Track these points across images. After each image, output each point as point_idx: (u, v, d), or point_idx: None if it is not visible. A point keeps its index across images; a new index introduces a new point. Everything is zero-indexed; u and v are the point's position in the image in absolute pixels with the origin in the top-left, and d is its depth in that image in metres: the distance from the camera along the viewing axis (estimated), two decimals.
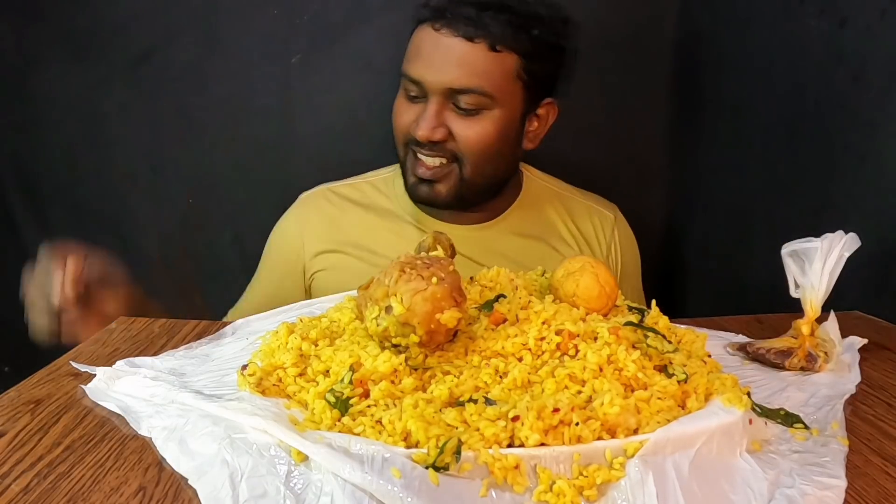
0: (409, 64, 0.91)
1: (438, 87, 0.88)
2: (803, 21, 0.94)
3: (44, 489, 0.44)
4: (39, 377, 0.61)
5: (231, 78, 1.22)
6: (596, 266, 0.61)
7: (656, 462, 0.43)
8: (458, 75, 0.87)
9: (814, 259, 0.62)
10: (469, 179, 0.93)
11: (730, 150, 1.16)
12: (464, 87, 0.87)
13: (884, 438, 0.52)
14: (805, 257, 0.63)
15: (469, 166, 0.92)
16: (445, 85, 0.88)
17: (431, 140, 0.90)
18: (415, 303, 0.49)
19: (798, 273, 0.64)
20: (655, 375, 0.51)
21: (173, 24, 1.20)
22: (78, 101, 1.21)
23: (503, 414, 0.45)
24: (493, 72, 0.88)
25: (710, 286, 1.26)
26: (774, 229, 1.05)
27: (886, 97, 0.81)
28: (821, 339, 0.65)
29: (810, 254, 0.62)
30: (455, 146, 0.91)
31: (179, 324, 0.74)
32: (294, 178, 1.15)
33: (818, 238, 0.62)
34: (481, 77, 0.87)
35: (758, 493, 0.43)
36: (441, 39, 0.87)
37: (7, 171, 1.25)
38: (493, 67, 0.88)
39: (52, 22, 1.19)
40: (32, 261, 0.85)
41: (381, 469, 0.41)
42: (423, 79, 0.89)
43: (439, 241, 0.65)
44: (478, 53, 0.87)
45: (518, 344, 0.53)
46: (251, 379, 0.51)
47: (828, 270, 0.62)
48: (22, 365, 0.66)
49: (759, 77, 1.06)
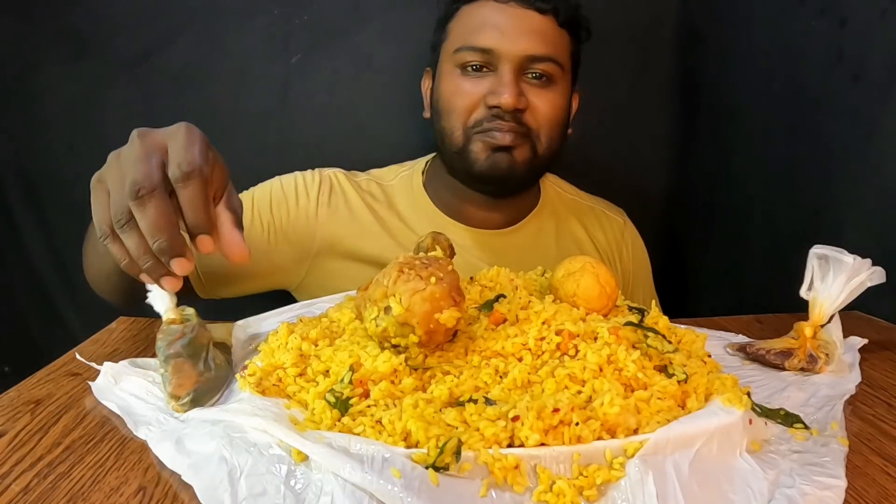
0: (472, 36, 0.88)
1: (515, 55, 0.87)
2: (803, 21, 0.94)
3: (44, 489, 0.44)
4: (39, 377, 0.61)
5: (231, 78, 1.22)
6: (596, 266, 0.61)
7: (656, 462, 0.43)
8: (534, 42, 0.87)
9: (841, 272, 0.62)
10: (541, 156, 0.91)
11: (729, 150, 1.16)
12: (541, 55, 0.87)
13: (884, 438, 0.52)
14: (833, 266, 0.63)
15: (542, 141, 0.90)
16: (524, 52, 0.87)
17: (517, 108, 0.87)
18: (413, 303, 0.49)
19: (819, 277, 0.64)
20: (655, 375, 0.51)
21: (173, 24, 1.20)
22: (78, 101, 1.21)
23: (503, 414, 0.45)
24: (560, 44, 0.90)
25: (710, 286, 1.26)
26: (774, 229, 1.05)
27: (886, 97, 0.81)
28: (823, 340, 0.65)
29: (840, 266, 0.62)
30: (531, 118, 0.89)
31: None
32: None
33: (850, 254, 0.63)
34: (554, 46, 0.89)
35: (758, 493, 0.43)
36: (513, 10, 0.88)
37: (7, 171, 1.25)
38: (560, 40, 0.90)
39: (52, 22, 1.19)
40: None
41: (381, 469, 0.41)
42: (498, 47, 0.87)
43: (438, 242, 0.65)
44: (549, 25, 0.89)
45: (518, 344, 0.53)
46: (251, 379, 0.51)
47: (850, 288, 0.62)
48: (22, 365, 0.66)
49: (758, 77, 1.06)
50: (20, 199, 1.26)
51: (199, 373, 0.54)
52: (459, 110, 0.90)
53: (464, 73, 0.89)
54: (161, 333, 0.56)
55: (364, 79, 1.23)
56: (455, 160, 0.92)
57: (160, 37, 1.20)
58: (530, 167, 0.91)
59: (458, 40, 0.90)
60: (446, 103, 0.91)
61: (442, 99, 0.92)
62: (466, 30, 0.90)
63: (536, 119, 0.89)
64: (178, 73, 1.22)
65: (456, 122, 0.90)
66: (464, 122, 0.90)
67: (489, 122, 0.88)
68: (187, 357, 0.54)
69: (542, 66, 0.88)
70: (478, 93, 0.88)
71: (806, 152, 0.96)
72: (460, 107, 0.89)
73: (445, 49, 0.93)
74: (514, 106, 0.86)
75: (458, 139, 0.90)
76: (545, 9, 0.88)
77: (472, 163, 0.90)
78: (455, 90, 0.90)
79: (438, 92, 0.93)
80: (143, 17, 1.19)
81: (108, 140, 0.54)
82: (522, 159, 0.90)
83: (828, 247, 0.63)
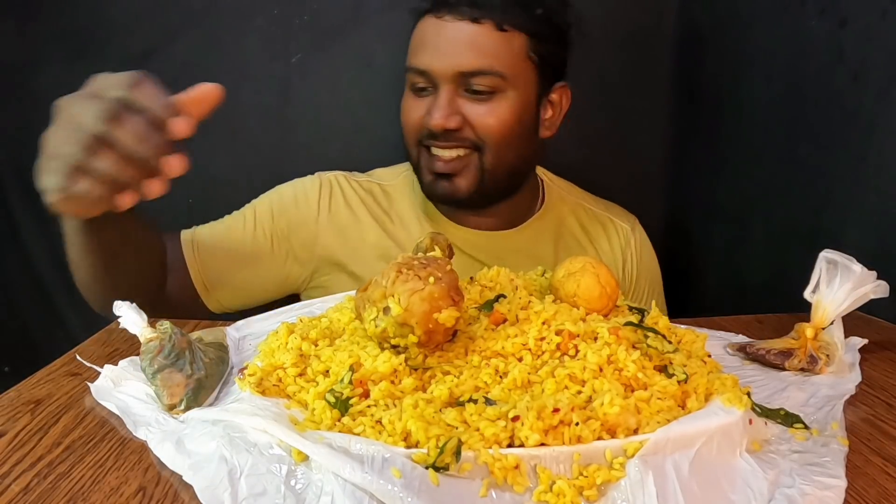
0: (413, 56, 0.89)
1: (448, 73, 0.85)
2: (803, 21, 0.94)
3: (44, 489, 0.44)
4: (39, 377, 0.61)
5: (231, 78, 1.22)
6: (597, 267, 0.61)
7: (656, 462, 0.43)
8: (467, 58, 0.85)
9: (848, 279, 0.63)
10: (490, 169, 0.89)
11: (729, 150, 1.16)
12: (475, 69, 0.85)
13: (884, 438, 0.52)
14: (841, 273, 0.63)
15: (490, 154, 0.88)
16: (455, 69, 0.85)
17: (447, 128, 0.86)
18: (412, 303, 0.49)
19: (825, 281, 0.64)
20: (655, 375, 0.51)
21: (173, 24, 1.20)
22: None
23: (503, 414, 0.45)
24: (502, 51, 0.86)
25: (710, 286, 1.26)
26: (774, 229, 1.05)
27: (886, 97, 0.81)
28: (824, 341, 0.65)
29: (848, 273, 0.63)
30: (472, 133, 0.88)
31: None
32: (294, 178, 1.15)
33: (858, 264, 0.63)
34: (491, 57, 0.85)
35: (758, 493, 0.43)
36: (446, 26, 0.85)
37: (7, 171, 1.25)
38: (502, 47, 0.86)
39: (52, 22, 1.19)
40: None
41: (381, 469, 0.41)
42: (430, 67, 0.86)
43: (437, 242, 0.65)
44: (485, 34, 0.85)
45: (518, 344, 0.53)
46: (251, 379, 0.51)
47: (854, 296, 0.63)
48: (22, 365, 0.66)
49: (758, 77, 1.06)
50: (20, 198, 1.26)
51: (188, 375, 0.54)
52: (409, 130, 0.92)
53: (413, 93, 0.91)
54: (142, 354, 0.57)
55: (364, 79, 1.23)
56: (415, 175, 0.96)
57: (160, 37, 1.20)
58: (478, 187, 0.90)
59: (409, 58, 0.90)
60: (402, 122, 0.93)
61: (401, 116, 0.94)
62: (413, 49, 0.90)
63: (478, 133, 0.88)
64: (178, 73, 1.22)
65: (410, 141, 0.93)
66: (414, 141, 0.92)
67: (426, 140, 0.89)
68: (172, 366, 0.55)
69: (479, 80, 0.85)
70: (419, 113, 0.89)
71: (806, 152, 0.96)
72: (409, 126, 0.92)
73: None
74: (443, 127, 0.86)
75: (414, 156, 0.93)
76: (479, 17, 0.84)
77: (422, 182, 0.94)
78: (406, 110, 0.92)
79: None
80: (143, 17, 1.19)
81: None
82: (467, 183, 0.90)
83: (838, 253, 0.64)
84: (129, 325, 0.59)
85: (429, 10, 0.88)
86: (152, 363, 0.55)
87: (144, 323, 0.59)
